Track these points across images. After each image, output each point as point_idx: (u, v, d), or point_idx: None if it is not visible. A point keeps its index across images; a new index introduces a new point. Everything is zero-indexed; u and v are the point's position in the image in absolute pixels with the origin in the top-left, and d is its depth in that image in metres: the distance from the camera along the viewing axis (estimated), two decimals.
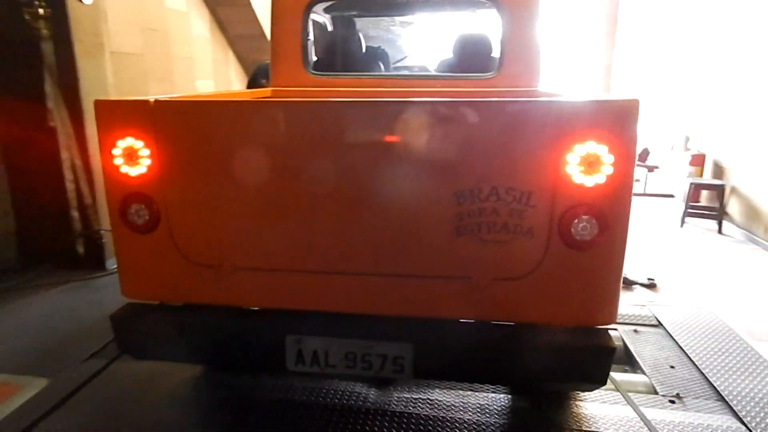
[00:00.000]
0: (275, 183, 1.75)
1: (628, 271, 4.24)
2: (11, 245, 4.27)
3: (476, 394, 2.55)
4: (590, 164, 1.59)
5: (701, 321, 3.40)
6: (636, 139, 1.61)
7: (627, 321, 3.45)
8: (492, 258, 1.72)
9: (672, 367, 2.91)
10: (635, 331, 3.33)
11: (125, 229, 1.83)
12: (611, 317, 1.75)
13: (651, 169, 6.97)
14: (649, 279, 4.07)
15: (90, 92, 3.96)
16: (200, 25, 6.40)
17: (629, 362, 3.03)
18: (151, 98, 1.76)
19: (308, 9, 3.39)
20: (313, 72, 3.47)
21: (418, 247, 1.74)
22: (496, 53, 3.40)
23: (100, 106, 1.79)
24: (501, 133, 1.65)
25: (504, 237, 1.69)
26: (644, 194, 7.02)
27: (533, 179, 1.64)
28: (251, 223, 1.80)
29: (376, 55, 3.94)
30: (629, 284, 4.03)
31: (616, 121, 1.59)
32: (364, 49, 3.86)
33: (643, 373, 2.85)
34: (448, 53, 3.75)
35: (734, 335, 3.19)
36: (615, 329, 3.31)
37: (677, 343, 3.13)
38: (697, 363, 2.90)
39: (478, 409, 2.43)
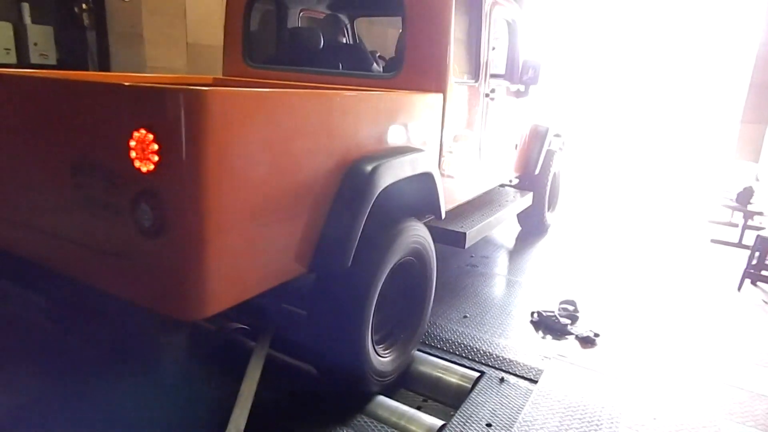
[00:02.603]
0: None
1: (578, 323, 3.57)
2: None
3: None
4: (143, 151, 1.58)
5: (590, 390, 2.76)
6: (201, 130, 1.54)
7: (504, 367, 2.98)
8: (96, 231, 1.80)
9: (488, 425, 2.47)
10: (502, 379, 2.86)
11: None
12: (193, 311, 1.68)
13: (750, 215, 5.49)
14: (593, 333, 3.38)
15: None
16: None
17: (455, 404, 2.66)
18: None
19: (249, 5, 3.65)
20: (251, 64, 3.72)
21: (54, 212, 1.91)
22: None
23: None
24: (86, 113, 1.73)
25: (102, 214, 1.76)
26: (737, 245, 5.59)
27: (113, 161, 1.68)
28: None
29: (336, 51, 3.99)
30: (561, 332, 3.41)
31: (165, 110, 1.54)
32: (321, 45, 3.95)
33: (446, 419, 2.49)
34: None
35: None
36: (481, 372, 2.90)
37: (531, 405, 2.62)
38: (515, 428, 2.42)
39: None
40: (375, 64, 3.78)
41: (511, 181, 5.30)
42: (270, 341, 2.30)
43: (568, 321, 3.52)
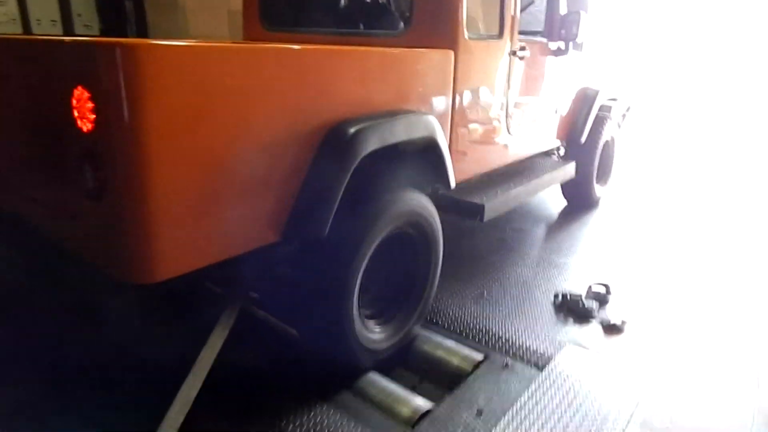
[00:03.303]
0: None
1: (607, 308, 3.26)
2: None
3: None
4: (82, 110, 1.51)
5: (598, 369, 2.50)
6: (134, 86, 1.44)
7: (512, 351, 2.76)
8: (54, 191, 1.78)
9: (479, 412, 2.30)
10: (506, 364, 2.65)
11: None
12: (140, 275, 1.62)
13: None
14: (621, 320, 3.06)
15: None
16: None
17: (450, 386, 2.50)
18: None
19: None
20: (268, 27, 3.61)
21: (21, 170, 1.91)
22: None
23: None
24: (35, 72, 1.69)
25: (56, 174, 1.74)
26: None
27: (61, 120, 1.62)
28: None
29: (358, 11, 3.79)
30: (584, 317, 3.11)
31: (97, 66, 1.45)
32: (340, 4, 3.76)
33: (437, 402, 2.34)
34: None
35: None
36: (486, 355, 2.71)
37: (529, 393, 2.41)
38: (507, 417, 2.23)
39: None
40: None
41: (558, 149, 4.93)
42: (238, 311, 2.23)
43: (595, 305, 3.21)
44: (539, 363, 2.67)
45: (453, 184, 2.86)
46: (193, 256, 1.73)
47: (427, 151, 2.61)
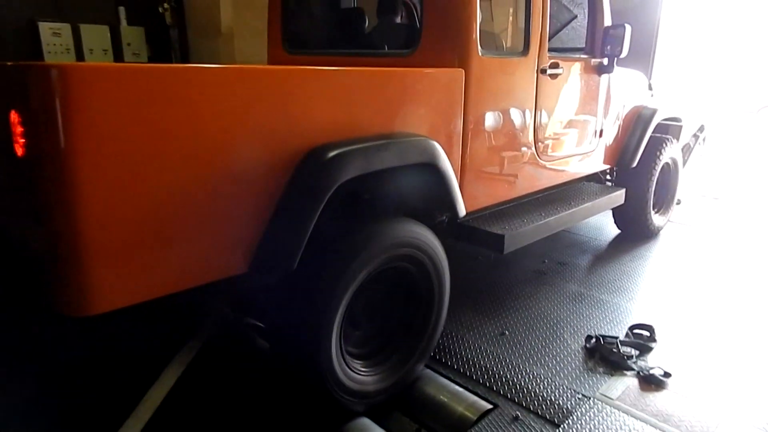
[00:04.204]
0: None
1: (648, 356, 2.84)
2: None
3: None
4: (17, 134, 1.46)
5: None
6: (59, 110, 1.38)
7: (525, 401, 2.44)
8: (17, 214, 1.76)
9: None
10: (516, 416, 2.35)
11: None
12: (77, 307, 1.54)
13: None
14: (663, 372, 2.63)
15: None
16: None
17: None
18: None
19: None
20: (289, 50, 3.58)
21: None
22: None
23: None
24: None
25: (13, 199, 1.71)
26: None
27: (8, 144, 1.59)
28: None
29: (381, 32, 3.69)
30: (618, 366, 2.71)
31: (25, 89, 1.41)
32: (363, 26, 3.67)
33: None
34: None
35: None
36: (495, 404, 2.42)
37: None
38: None
39: None
40: None
41: (607, 174, 4.52)
42: (199, 349, 2.10)
43: (634, 352, 2.81)
44: (555, 418, 2.34)
45: (462, 213, 2.62)
46: (140, 287, 1.64)
47: (426, 177, 2.40)
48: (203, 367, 2.38)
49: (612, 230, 4.84)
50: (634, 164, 4.19)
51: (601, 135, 3.85)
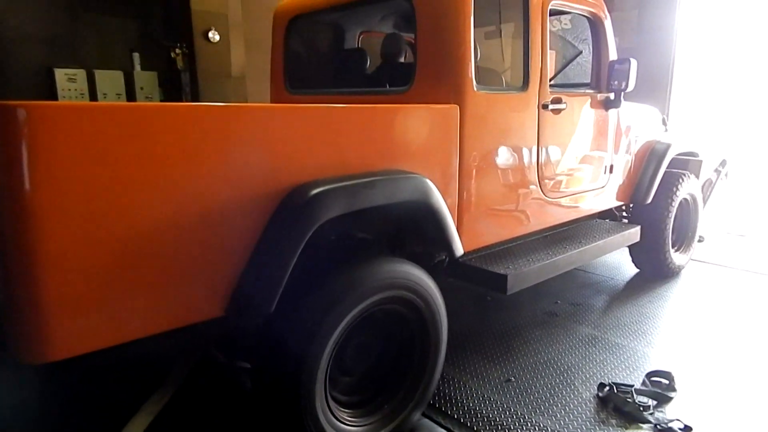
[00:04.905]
0: None
1: (667, 407, 2.62)
2: None
3: None
4: None
5: None
6: (15, 149, 1.34)
7: None
8: None
9: None
10: None
11: None
12: (36, 354, 1.47)
13: None
14: (683, 426, 2.41)
15: None
16: None
17: None
18: None
19: (288, 30, 3.54)
20: (291, 90, 3.60)
21: None
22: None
23: None
24: None
25: None
26: None
27: None
28: None
29: (380, 71, 3.69)
30: (632, 418, 2.50)
31: None
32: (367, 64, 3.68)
33: None
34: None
35: None
36: None
37: None
38: None
39: None
40: None
41: (622, 211, 4.36)
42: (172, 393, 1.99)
43: (651, 402, 2.59)
44: None
45: (459, 252, 2.51)
46: (103, 333, 1.56)
47: (418, 215, 2.31)
48: (187, 407, 2.28)
49: (630, 269, 4.63)
50: (649, 200, 4.03)
51: (611, 171, 3.72)
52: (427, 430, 2.44)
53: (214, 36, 5.16)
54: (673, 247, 4.41)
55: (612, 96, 3.50)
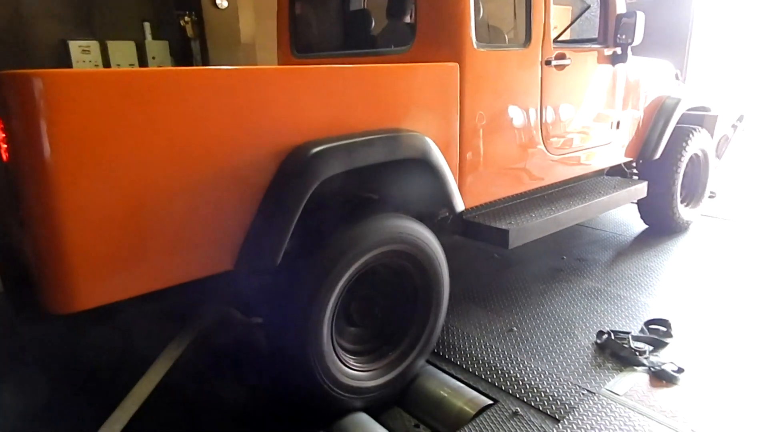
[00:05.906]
0: None
1: (662, 352, 2.72)
2: None
3: None
4: (1, 139, 1.57)
5: None
6: (36, 114, 1.47)
7: (527, 397, 2.39)
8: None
9: None
10: (515, 412, 2.30)
11: None
12: (60, 304, 1.62)
13: None
14: (676, 368, 2.52)
15: None
16: None
17: None
18: None
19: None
20: (296, 54, 3.65)
21: None
22: None
23: None
24: None
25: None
26: None
27: None
28: None
29: (386, 32, 3.70)
30: (628, 362, 2.61)
31: (6, 95, 1.49)
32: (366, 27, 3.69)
33: None
34: None
35: None
36: (495, 399, 2.39)
37: None
38: None
39: None
40: None
41: (630, 167, 4.37)
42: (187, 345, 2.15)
43: (647, 348, 2.70)
44: (557, 414, 2.28)
45: (459, 208, 2.60)
46: (123, 285, 1.71)
47: (418, 172, 2.40)
48: (201, 364, 2.47)
49: (638, 226, 4.66)
50: (657, 156, 4.03)
51: (618, 127, 3.73)
52: (429, 375, 2.59)
53: (222, 2, 5.20)
54: (682, 202, 4.42)
55: (619, 50, 3.48)
